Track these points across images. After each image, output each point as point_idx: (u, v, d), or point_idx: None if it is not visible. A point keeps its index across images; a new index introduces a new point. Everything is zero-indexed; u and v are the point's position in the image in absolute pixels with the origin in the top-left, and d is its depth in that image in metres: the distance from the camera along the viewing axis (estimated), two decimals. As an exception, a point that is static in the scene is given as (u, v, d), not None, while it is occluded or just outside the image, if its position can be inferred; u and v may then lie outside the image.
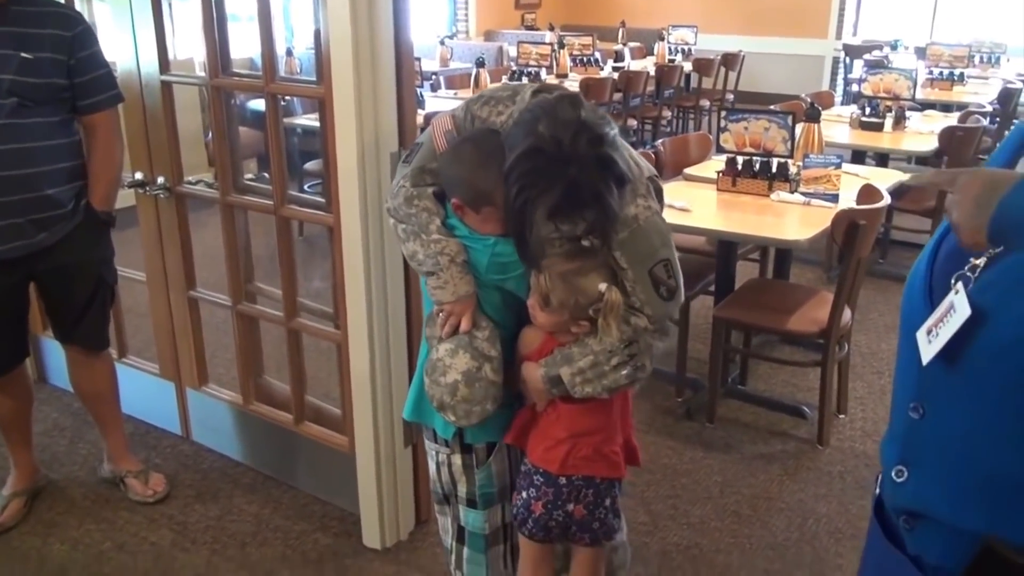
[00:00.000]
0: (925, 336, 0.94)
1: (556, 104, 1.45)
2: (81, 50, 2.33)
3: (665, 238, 1.61)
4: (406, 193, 1.66)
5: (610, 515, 1.72)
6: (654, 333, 1.63)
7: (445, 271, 1.61)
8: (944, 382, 0.93)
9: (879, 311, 4.34)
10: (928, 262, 1.01)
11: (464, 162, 1.59)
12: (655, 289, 1.59)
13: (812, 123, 3.85)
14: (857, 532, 2.63)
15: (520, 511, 1.73)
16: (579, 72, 7.38)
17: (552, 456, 1.68)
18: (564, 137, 1.41)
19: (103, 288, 2.58)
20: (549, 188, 1.42)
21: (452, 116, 1.67)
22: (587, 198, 1.44)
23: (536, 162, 1.42)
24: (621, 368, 1.60)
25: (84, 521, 2.66)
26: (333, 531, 2.61)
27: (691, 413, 3.33)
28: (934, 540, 0.97)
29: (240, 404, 2.85)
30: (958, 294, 0.91)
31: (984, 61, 7.59)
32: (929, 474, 0.97)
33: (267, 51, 2.35)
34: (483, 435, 1.75)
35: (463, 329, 1.64)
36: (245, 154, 3.97)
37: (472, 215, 1.60)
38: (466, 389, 1.64)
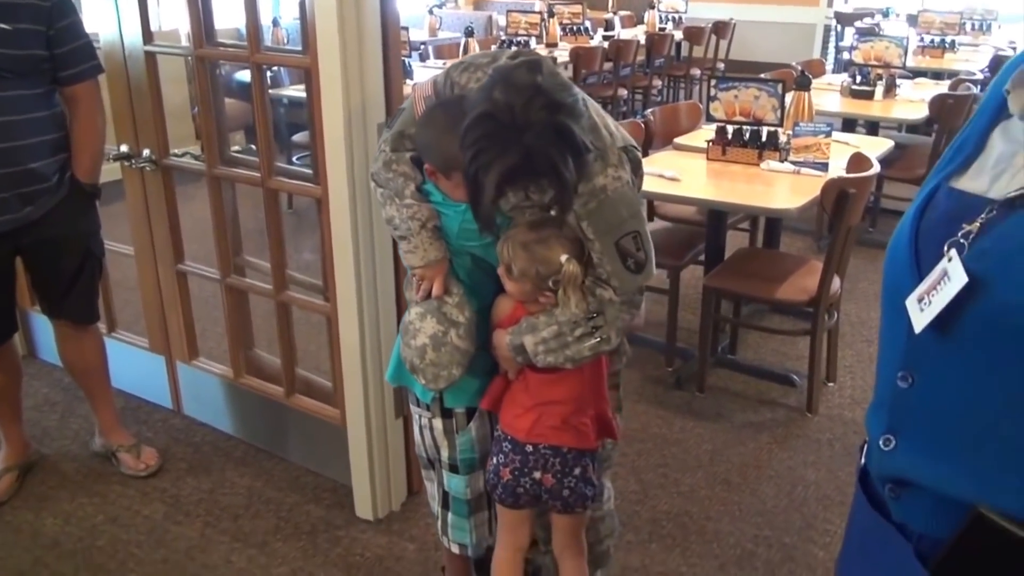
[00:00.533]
0: (916, 304, 0.92)
1: (513, 69, 1.41)
2: (60, 20, 2.29)
3: (634, 210, 1.58)
4: (385, 158, 1.67)
5: (580, 483, 1.72)
6: (621, 305, 1.60)
7: (416, 236, 1.63)
8: (936, 350, 0.92)
9: (868, 280, 4.35)
10: (912, 227, 0.99)
11: (435, 128, 1.58)
12: (622, 261, 1.56)
13: (802, 91, 3.83)
14: (845, 499, 2.65)
15: (491, 476, 1.75)
16: (569, 41, 7.32)
17: (519, 424, 1.69)
18: (517, 103, 1.36)
19: (90, 261, 2.56)
20: (501, 155, 1.38)
21: (433, 82, 1.66)
22: (541, 166, 1.40)
23: (488, 127, 1.38)
24: (584, 339, 1.59)
25: (77, 495, 2.67)
26: (325, 502, 2.62)
27: (681, 382, 3.35)
28: (920, 508, 0.97)
29: (231, 377, 2.85)
30: (952, 261, 0.89)
31: (975, 28, 7.56)
32: (919, 443, 0.96)
33: (252, 20, 2.32)
34: (462, 399, 1.77)
35: (434, 294, 1.66)
36: (232, 126, 3.93)
37: (444, 181, 1.60)
38: (433, 353, 1.66)
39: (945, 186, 0.97)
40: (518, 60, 1.45)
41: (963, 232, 0.90)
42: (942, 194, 0.97)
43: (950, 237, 0.91)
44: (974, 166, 0.95)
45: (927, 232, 0.96)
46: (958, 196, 0.95)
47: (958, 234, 0.91)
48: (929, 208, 0.98)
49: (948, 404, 0.92)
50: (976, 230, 0.89)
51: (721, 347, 3.56)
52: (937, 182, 0.98)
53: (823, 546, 2.46)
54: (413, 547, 2.44)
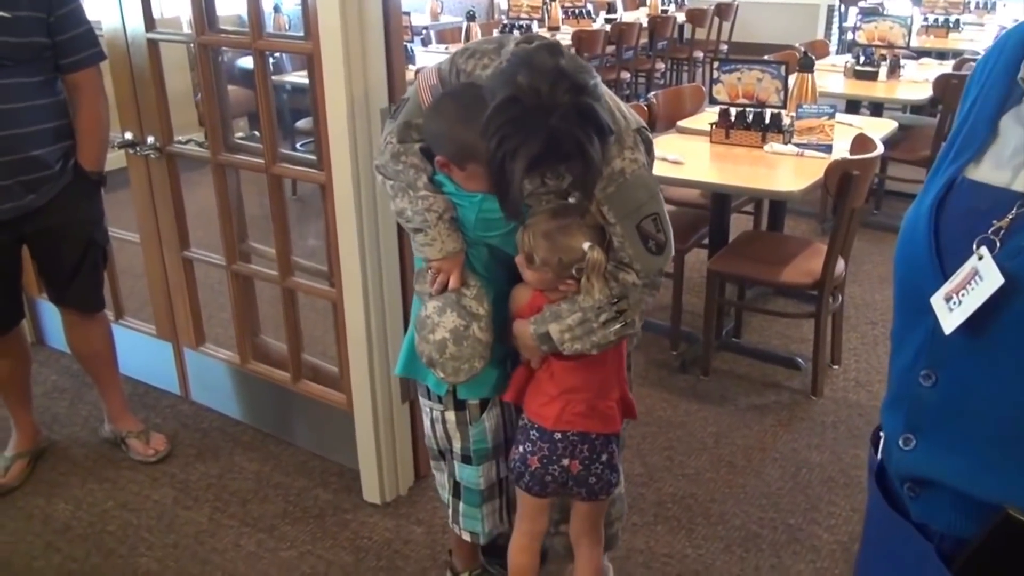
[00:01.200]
0: (944, 303, 0.89)
1: (534, 53, 1.40)
2: (60, 7, 2.29)
3: (653, 191, 1.59)
4: (392, 149, 1.65)
5: (607, 470, 1.74)
6: (644, 288, 1.61)
7: (433, 228, 1.60)
8: (964, 350, 0.89)
9: (873, 262, 4.35)
10: (930, 222, 0.94)
11: (446, 118, 1.57)
12: (643, 243, 1.57)
13: (806, 73, 3.81)
14: (850, 481, 2.67)
15: (517, 465, 1.75)
16: (571, 24, 7.29)
17: (546, 412, 1.70)
18: (542, 86, 1.35)
19: (94, 249, 2.57)
20: (528, 139, 1.37)
21: (438, 70, 1.65)
22: (568, 149, 1.39)
23: (514, 113, 1.37)
24: (610, 325, 1.59)
25: (87, 481, 2.69)
26: (333, 487, 2.64)
27: (686, 366, 3.36)
28: (941, 508, 0.94)
29: (238, 363, 2.86)
30: (983, 259, 0.85)
31: (980, 7, 7.51)
32: (942, 442, 0.93)
33: (253, 7, 2.32)
34: (476, 391, 1.76)
35: (452, 286, 1.64)
36: (235, 113, 3.92)
37: (457, 172, 1.58)
38: (454, 347, 1.64)
39: (962, 178, 0.93)
40: (536, 44, 1.44)
41: (994, 229, 0.87)
42: (962, 186, 0.93)
43: (976, 232, 0.88)
44: (989, 155, 0.92)
45: (949, 226, 0.92)
46: (981, 189, 0.92)
47: (988, 231, 0.87)
48: (948, 201, 0.94)
49: (975, 404, 0.89)
50: (1007, 226, 0.86)
51: (725, 330, 3.57)
52: (952, 174, 0.94)
53: (828, 528, 2.48)
54: (421, 530, 2.46)
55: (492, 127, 1.39)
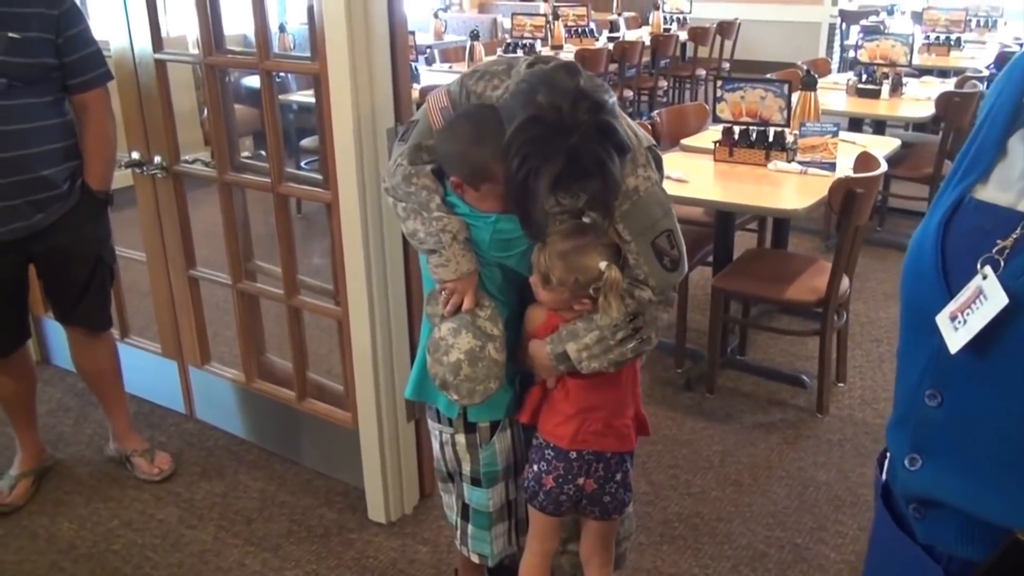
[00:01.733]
0: (949, 322, 0.89)
1: (553, 73, 1.42)
2: (68, 28, 2.31)
3: (666, 208, 1.60)
4: (404, 172, 1.64)
5: (620, 489, 1.73)
6: (659, 304, 1.62)
7: (447, 249, 1.60)
8: (970, 369, 0.88)
9: (877, 279, 4.35)
10: (936, 241, 0.94)
11: (460, 139, 1.57)
12: (658, 260, 1.58)
13: (809, 91, 3.83)
14: (857, 500, 2.66)
15: (531, 484, 1.74)
16: (574, 43, 7.33)
17: (562, 432, 1.69)
18: (563, 105, 1.37)
19: (101, 268, 2.58)
20: (551, 158, 1.38)
21: (447, 92, 1.65)
22: (590, 166, 1.41)
23: (536, 132, 1.38)
24: (627, 342, 1.59)
25: (92, 500, 2.69)
26: (338, 506, 2.64)
27: (691, 384, 3.35)
28: (949, 530, 0.94)
29: (243, 382, 2.86)
30: (987, 279, 0.85)
31: (981, 25, 7.55)
32: (948, 462, 0.92)
33: (260, 28, 2.34)
34: (487, 413, 1.75)
35: (465, 308, 1.63)
36: (241, 132, 3.95)
37: (471, 192, 1.58)
38: (469, 368, 1.63)
39: (969, 197, 0.94)
40: (553, 64, 1.46)
41: (997, 248, 0.87)
42: (968, 206, 0.94)
43: (981, 252, 0.88)
44: (995, 175, 0.93)
45: (955, 246, 0.93)
46: (986, 209, 0.92)
47: (992, 250, 0.87)
48: (954, 221, 0.94)
49: (981, 424, 0.89)
50: (1011, 246, 0.86)
51: (730, 348, 3.57)
52: (960, 193, 0.95)
53: (835, 547, 2.46)
54: (426, 549, 2.45)
55: (514, 147, 1.39)
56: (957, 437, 0.91)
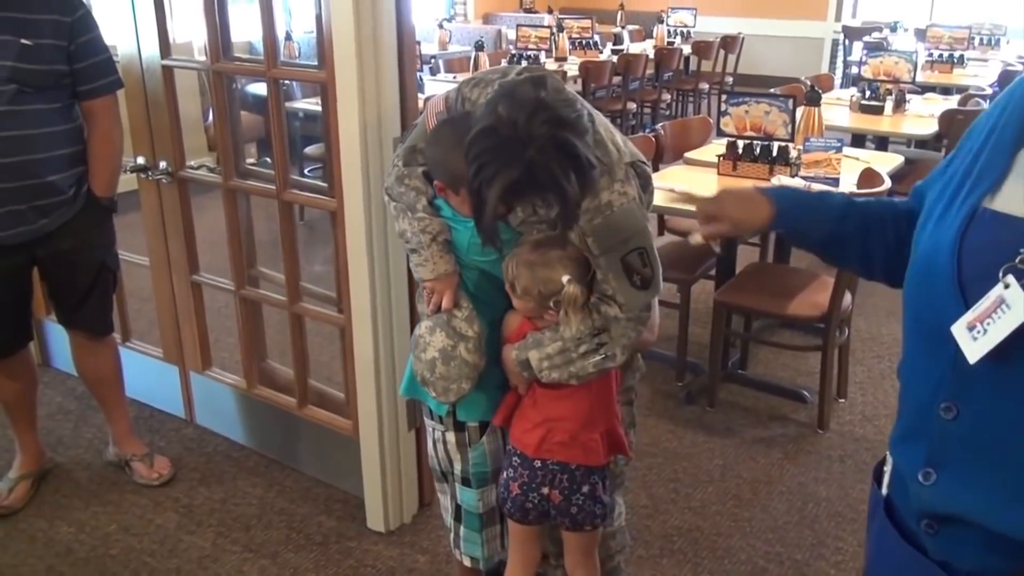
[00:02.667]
0: (967, 332, 0.87)
1: (518, 85, 1.41)
2: (81, 35, 2.32)
3: (641, 226, 1.57)
4: (397, 172, 1.70)
5: (589, 502, 1.71)
6: (628, 322, 1.59)
7: (426, 248, 1.65)
8: (990, 381, 0.87)
9: (879, 295, 4.34)
10: (954, 249, 0.94)
11: (443, 144, 1.59)
12: (628, 278, 1.56)
13: (813, 106, 3.84)
14: (857, 516, 2.65)
15: (501, 490, 1.76)
16: (578, 55, 7.36)
17: (527, 439, 1.70)
18: (519, 118, 1.35)
19: (105, 273, 2.58)
20: (504, 169, 1.37)
21: (445, 97, 1.68)
22: (544, 180, 1.39)
23: (491, 142, 1.38)
24: (589, 356, 1.59)
25: (90, 504, 2.68)
26: (337, 514, 2.63)
27: (692, 397, 3.35)
28: (967, 545, 0.92)
29: (243, 388, 2.86)
30: (1010, 288, 0.84)
31: (984, 43, 7.57)
32: (966, 476, 0.91)
33: (268, 35, 2.34)
34: (475, 413, 1.77)
35: (444, 307, 1.68)
36: (245, 138, 3.96)
37: (453, 196, 1.62)
38: (443, 367, 1.68)
39: (983, 209, 0.93)
40: (523, 76, 1.47)
41: (1021, 257, 0.86)
42: (983, 217, 0.93)
43: (1001, 262, 0.87)
44: (1007, 186, 0.92)
45: (971, 256, 0.92)
46: (1004, 220, 0.91)
47: (1015, 259, 0.86)
48: (970, 232, 0.94)
49: (1002, 437, 0.88)
50: None
51: (732, 362, 3.56)
52: (973, 204, 0.94)
53: (834, 564, 2.46)
54: (424, 559, 2.45)
55: (471, 155, 1.40)
56: (976, 450, 0.90)
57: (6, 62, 2.19)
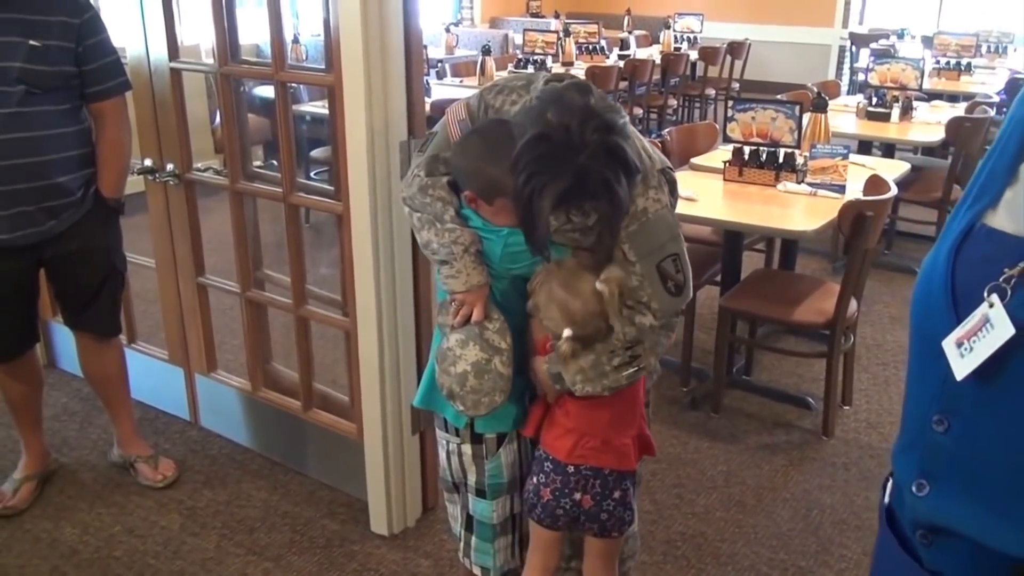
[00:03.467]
0: (956, 348, 0.89)
1: (564, 91, 1.42)
2: (89, 37, 2.33)
3: (674, 232, 1.60)
4: (420, 182, 1.65)
5: (619, 507, 1.72)
6: (660, 329, 1.61)
7: (458, 260, 1.61)
8: (977, 397, 0.88)
9: (884, 302, 4.34)
10: (947, 266, 0.94)
11: (473, 153, 1.58)
12: (663, 283, 1.57)
13: (819, 113, 3.84)
14: (862, 523, 2.64)
15: (530, 496, 1.74)
16: (585, 60, 7.36)
17: (561, 444, 1.69)
18: (572, 124, 1.37)
19: (113, 275, 2.59)
20: (557, 176, 1.38)
21: (467, 105, 1.66)
22: (595, 187, 1.40)
23: (543, 149, 1.38)
24: (623, 368, 1.59)
25: (95, 505, 2.68)
26: (341, 517, 2.63)
27: (696, 403, 3.35)
28: (957, 557, 0.93)
29: (248, 390, 2.87)
30: (994, 307, 0.86)
31: (991, 51, 7.56)
32: (956, 489, 0.92)
33: (276, 38, 2.35)
34: (494, 425, 1.75)
35: (475, 319, 1.64)
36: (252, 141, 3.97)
37: (485, 207, 1.59)
38: (475, 380, 1.64)
39: (980, 224, 0.94)
40: (566, 83, 1.46)
41: (1005, 276, 0.87)
42: (980, 233, 0.94)
43: (990, 280, 0.88)
44: (1005, 202, 0.92)
45: (964, 272, 0.93)
46: (997, 236, 0.92)
47: (999, 278, 0.87)
48: (965, 247, 0.95)
49: (990, 452, 0.89)
50: (1018, 275, 0.86)
51: (736, 368, 3.56)
52: (971, 220, 0.95)
53: (838, 571, 2.45)
54: (428, 563, 2.45)
55: (521, 163, 1.40)
56: (965, 464, 0.91)
57: (14, 63, 2.20)
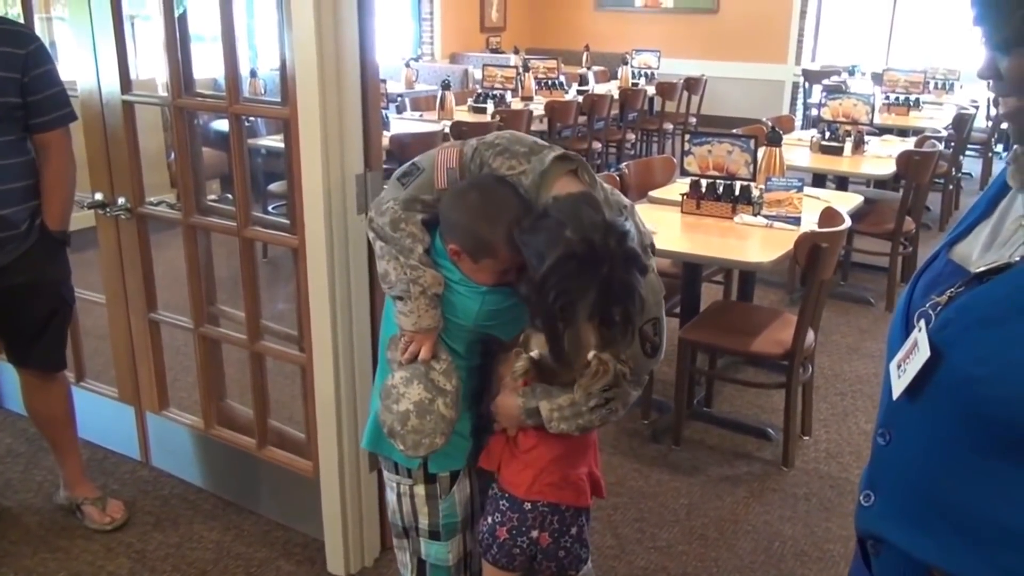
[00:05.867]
0: (895, 370, 0.95)
1: (578, 209, 1.48)
2: (35, 68, 2.29)
3: (658, 297, 1.63)
4: (393, 215, 1.63)
5: (576, 544, 1.70)
6: (631, 384, 1.64)
7: (413, 300, 1.60)
8: (906, 414, 0.95)
9: (841, 332, 4.39)
10: (909, 290, 1.02)
11: (469, 210, 1.57)
12: (641, 345, 1.61)
13: (774, 147, 3.90)
14: (823, 555, 2.64)
15: (485, 536, 1.71)
16: (544, 95, 7.43)
17: (519, 480, 1.67)
18: (595, 238, 1.43)
19: (61, 308, 2.52)
20: (586, 290, 1.44)
21: (459, 153, 1.64)
22: (620, 293, 1.47)
23: (571, 268, 1.44)
24: (596, 411, 1.61)
25: (39, 550, 2.58)
26: (296, 558, 2.56)
27: (657, 435, 3.34)
28: (894, 568, 0.97)
29: (201, 428, 2.79)
30: (920, 332, 0.92)
31: (939, 87, 7.78)
32: (890, 500, 0.98)
33: (231, 71, 2.33)
34: (447, 464, 1.73)
35: (422, 357, 1.64)
36: (208, 175, 3.92)
37: (468, 263, 1.59)
38: (416, 420, 1.63)
39: (944, 252, 1.00)
40: (574, 199, 1.51)
41: (932, 303, 0.93)
42: (940, 260, 1.00)
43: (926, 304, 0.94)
44: (973, 232, 0.98)
45: (918, 298, 0.98)
46: (947, 264, 0.98)
47: (926, 305, 0.94)
48: (924, 274, 1.01)
49: (915, 465, 0.94)
50: (944, 302, 0.92)
51: (697, 400, 3.56)
52: (940, 247, 1.01)
53: (801, 602, 2.44)
54: (386, 604, 2.39)
55: (550, 283, 1.44)
56: (899, 476, 0.97)
57: None
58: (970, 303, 0.89)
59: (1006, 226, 0.92)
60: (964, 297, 0.90)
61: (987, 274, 0.89)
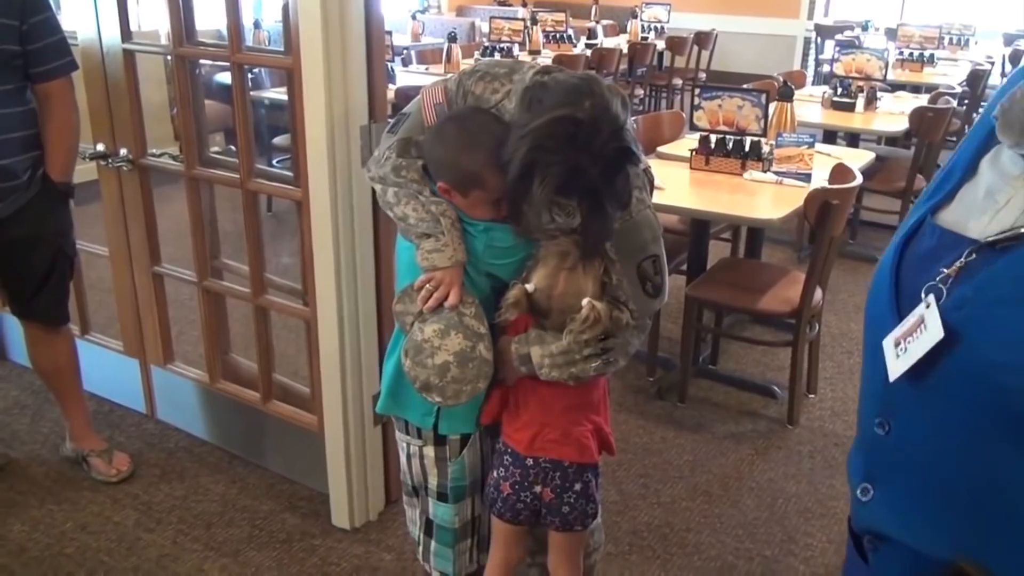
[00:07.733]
0: (893, 348, 0.87)
1: (592, 83, 1.39)
2: (33, 15, 2.24)
3: (656, 233, 1.58)
4: (394, 163, 1.58)
5: (581, 500, 1.68)
6: (634, 329, 1.59)
7: (447, 232, 1.53)
8: (911, 399, 0.86)
9: (849, 291, 4.36)
10: (893, 262, 0.92)
11: (448, 143, 1.52)
12: (641, 285, 1.56)
13: (785, 102, 3.84)
14: (826, 511, 2.65)
15: (491, 490, 1.71)
16: (552, 48, 7.32)
17: (520, 436, 1.66)
18: (601, 123, 1.35)
19: (62, 261, 2.51)
20: (566, 159, 1.35)
21: (444, 88, 1.59)
22: (583, 191, 1.39)
23: (569, 130, 1.35)
24: (592, 360, 1.55)
25: (45, 501, 2.60)
26: (301, 511, 2.58)
27: (662, 392, 3.33)
28: (898, 564, 0.91)
29: (206, 382, 2.80)
30: (929, 308, 0.83)
31: (953, 43, 7.64)
32: (895, 494, 0.90)
33: (233, 19, 2.28)
34: (458, 426, 1.70)
35: (451, 303, 1.55)
36: (212, 128, 3.87)
37: (459, 198, 1.54)
38: (458, 370, 1.55)
39: (929, 219, 0.91)
40: (605, 79, 1.44)
41: (941, 276, 0.84)
42: (926, 228, 0.91)
43: (930, 278, 0.85)
44: (959, 196, 0.90)
45: (908, 268, 0.91)
46: (940, 233, 0.89)
47: (936, 277, 0.85)
48: (913, 242, 0.92)
49: (923, 456, 0.86)
50: (955, 274, 0.84)
51: (702, 357, 3.55)
52: (922, 214, 0.92)
53: (804, 560, 2.45)
54: (390, 557, 2.40)
55: (538, 134, 1.36)
56: (903, 468, 0.89)
57: None
58: (992, 277, 0.80)
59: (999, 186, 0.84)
60: (984, 272, 0.81)
61: (1000, 243, 0.81)
